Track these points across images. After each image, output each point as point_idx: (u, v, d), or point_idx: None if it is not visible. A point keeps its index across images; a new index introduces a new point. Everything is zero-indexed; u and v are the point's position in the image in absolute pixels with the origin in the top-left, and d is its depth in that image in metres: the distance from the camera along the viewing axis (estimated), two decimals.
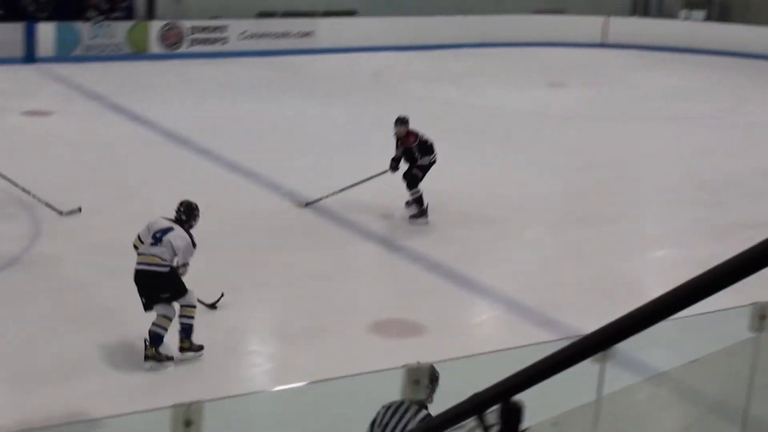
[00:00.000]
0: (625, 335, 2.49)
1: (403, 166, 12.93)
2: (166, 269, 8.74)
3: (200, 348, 8.91)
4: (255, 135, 17.08)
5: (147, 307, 8.76)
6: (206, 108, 18.98)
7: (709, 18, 29.87)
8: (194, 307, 8.91)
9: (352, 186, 13.23)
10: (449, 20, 26.69)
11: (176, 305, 8.82)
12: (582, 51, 27.63)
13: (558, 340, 8.47)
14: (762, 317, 5.19)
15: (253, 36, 24.74)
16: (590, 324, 2.84)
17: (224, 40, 24.36)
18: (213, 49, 24.14)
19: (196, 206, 9.18)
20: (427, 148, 12.80)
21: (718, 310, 4.83)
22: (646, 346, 6.67)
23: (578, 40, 28.02)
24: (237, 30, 24.54)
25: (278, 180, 14.32)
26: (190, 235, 8.95)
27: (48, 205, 12.39)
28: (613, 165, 16.36)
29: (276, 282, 10.91)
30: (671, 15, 30.73)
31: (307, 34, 25.22)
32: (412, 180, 12.83)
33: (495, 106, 20.28)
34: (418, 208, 12.94)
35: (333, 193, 13.26)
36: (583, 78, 24.14)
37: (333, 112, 19.13)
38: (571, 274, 11.54)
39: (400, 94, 20.85)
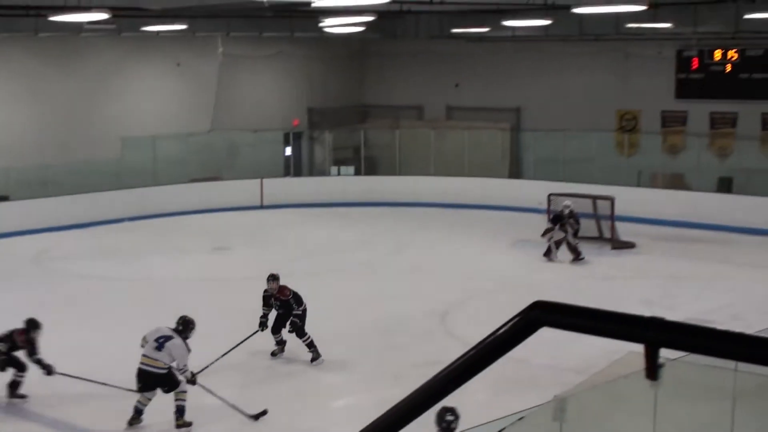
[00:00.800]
0: None
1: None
2: (165, 371, 11.65)
3: (191, 424, 11.70)
4: None
5: (141, 390, 11.70)
6: None
7: (358, 172, 31.36)
8: (186, 392, 11.68)
9: (226, 353, 13.60)
10: (106, 195, 26.38)
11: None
12: (242, 214, 28.10)
13: None
14: None
15: None
16: None
17: None
18: None
19: (193, 321, 11.99)
20: (299, 298, 14.55)
21: None
22: None
23: (238, 204, 28.51)
24: None
25: None
26: (186, 344, 11.73)
27: None
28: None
29: None
30: (323, 173, 32.03)
31: None
32: (299, 330, 14.35)
33: (160, 276, 20.13)
34: (315, 350, 14.35)
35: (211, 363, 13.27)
36: (245, 239, 24.46)
37: None
38: None
39: (62, 274, 20.24)
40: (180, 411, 11.64)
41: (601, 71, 30.12)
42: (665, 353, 2.22)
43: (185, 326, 11.92)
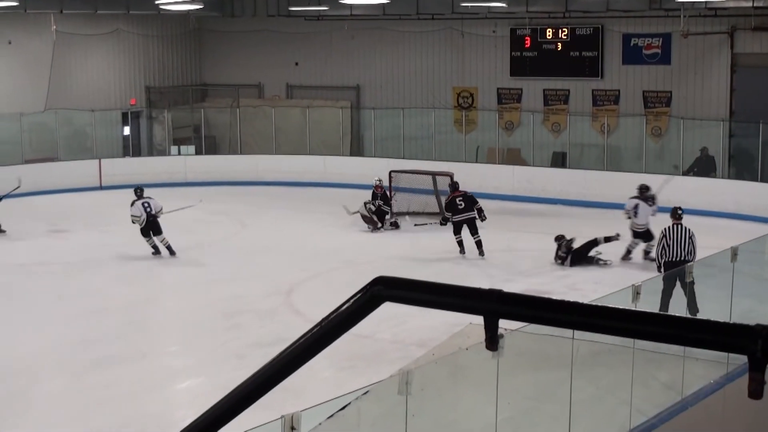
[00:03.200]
0: None
1: None
2: None
3: None
4: None
5: None
6: None
7: (198, 152, 30.99)
8: None
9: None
10: None
11: None
12: (80, 195, 27.43)
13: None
14: (292, 428, 5.35)
15: None
16: None
17: None
18: None
19: None
20: None
21: (250, 429, 4.91)
22: None
23: (75, 185, 27.81)
24: None
25: None
26: None
27: None
28: (128, 304, 16.27)
29: None
30: (162, 152, 31.53)
31: None
32: None
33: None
34: None
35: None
36: (84, 222, 23.88)
37: None
38: (102, 419, 11.25)
39: None
40: None
41: (438, 50, 30.47)
42: (505, 324, 2.27)
43: None
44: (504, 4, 26.58)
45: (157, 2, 23.72)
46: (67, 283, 17.54)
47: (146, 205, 19.61)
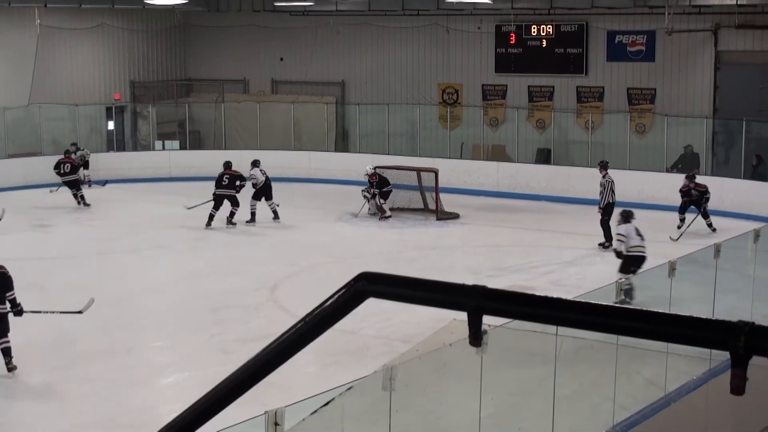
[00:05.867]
0: None
1: None
2: None
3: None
4: None
5: None
6: None
7: (183, 147, 30.93)
8: None
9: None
10: None
11: None
12: (64, 190, 27.32)
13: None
14: (276, 424, 5.35)
15: None
16: None
17: None
18: None
19: None
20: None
21: (234, 425, 4.92)
22: None
23: (59, 180, 27.68)
24: None
25: None
26: None
27: None
28: (113, 299, 16.22)
29: None
30: (147, 147, 31.46)
31: None
32: None
33: None
34: None
35: None
36: (67, 216, 23.80)
37: None
38: (87, 414, 11.25)
39: None
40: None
41: (423, 46, 30.48)
42: (490, 320, 2.28)
43: None
44: (489, 0, 26.61)
45: None
46: (52, 278, 17.48)
47: (264, 171, 22.47)
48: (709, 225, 21.07)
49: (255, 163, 23.33)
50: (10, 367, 12.43)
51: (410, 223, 22.60)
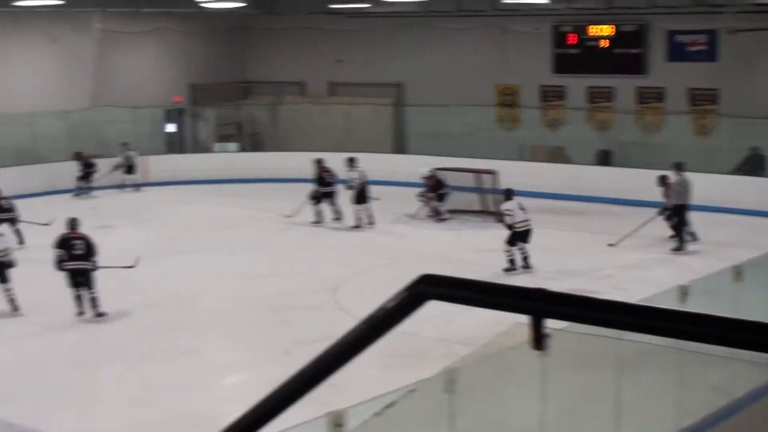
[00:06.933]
0: None
1: None
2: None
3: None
4: None
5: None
6: None
7: (242, 149, 31.14)
8: None
9: None
10: None
11: None
12: (125, 191, 27.70)
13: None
14: (337, 425, 5.37)
15: None
16: None
17: None
18: None
19: None
20: None
21: (296, 425, 4.94)
22: None
23: (120, 181, 28.03)
24: None
25: None
26: None
27: None
28: (174, 299, 16.42)
29: None
30: (206, 149, 31.72)
31: None
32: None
33: (43, 257, 19.53)
34: None
35: None
36: (128, 217, 24.08)
37: None
38: (150, 412, 11.37)
39: None
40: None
41: (479, 47, 30.38)
42: (551, 323, 2.26)
43: None
44: (547, 0, 26.46)
45: (198, 0, 23.87)
46: (116, 278, 17.67)
47: (362, 171, 22.51)
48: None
49: (352, 162, 23.03)
50: (101, 313, 15.23)
51: (468, 225, 22.54)
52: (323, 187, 22.59)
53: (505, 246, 17.99)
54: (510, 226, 18.06)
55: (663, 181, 20.45)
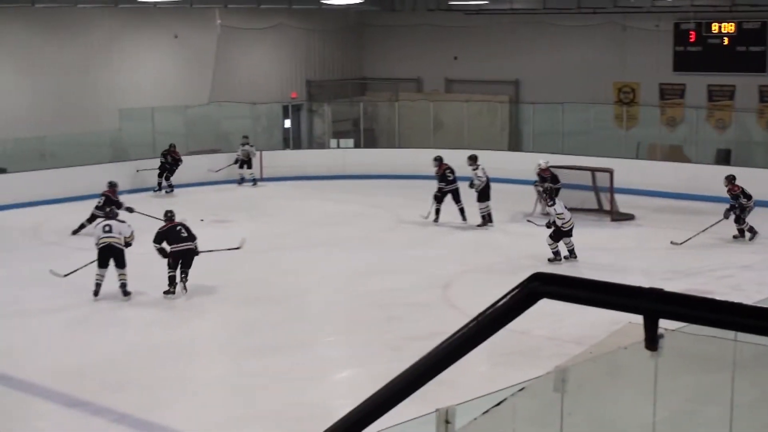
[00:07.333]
0: None
1: None
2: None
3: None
4: None
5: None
6: None
7: (357, 145, 31.36)
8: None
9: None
10: (104, 168, 26.19)
11: None
12: (241, 186, 28.13)
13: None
14: (446, 422, 5.36)
15: None
16: None
17: None
18: None
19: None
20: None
21: (405, 421, 4.96)
22: None
23: (235, 176, 28.46)
24: None
25: None
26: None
27: None
28: (286, 294, 16.60)
29: None
30: (322, 145, 32.03)
31: None
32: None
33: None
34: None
35: None
36: (244, 212, 24.43)
37: None
38: (258, 405, 11.52)
39: (59, 248, 20.27)
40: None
41: (598, 44, 30.04)
42: (664, 324, 2.23)
43: None
44: None
45: None
46: (229, 271, 17.97)
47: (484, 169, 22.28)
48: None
49: (474, 160, 22.79)
50: (184, 282, 16.21)
51: (583, 224, 22.26)
52: (447, 185, 22.51)
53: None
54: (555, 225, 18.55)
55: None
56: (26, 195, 24.78)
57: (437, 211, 22.44)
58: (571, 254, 18.54)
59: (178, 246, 16.17)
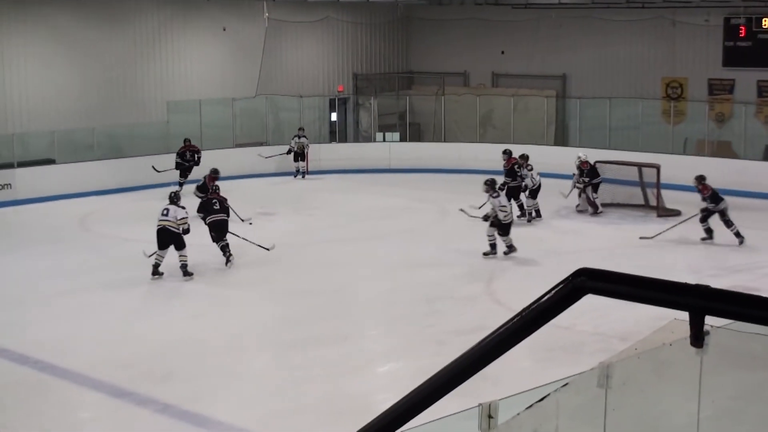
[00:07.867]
0: None
1: None
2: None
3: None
4: None
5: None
6: None
7: (403, 139, 31.35)
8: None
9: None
10: (152, 159, 26.42)
11: None
12: (287, 179, 28.24)
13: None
14: (489, 417, 5.35)
15: None
16: None
17: None
18: None
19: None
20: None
21: (447, 416, 4.96)
22: None
23: (281, 170, 28.58)
24: None
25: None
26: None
27: None
28: (331, 287, 16.65)
29: None
30: (368, 139, 32.05)
31: (3, 187, 24.29)
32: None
33: (206, 242, 20.12)
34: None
35: None
36: (290, 204, 24.52)
37: (41, 263, 18.44)
38: (302, 398, 11.56)
39: (107, 238, 20.46)
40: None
41: (647, 39, 29.80)
42: (710, 320, 2.22)
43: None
44: None
45: None
46: (272, 264, 18.05)
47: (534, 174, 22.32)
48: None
49: (525, 159, 22.79)
50: (229, 258, 17.54)
51: (630, 219, 22.16)
52: (515, 180, 22.42)
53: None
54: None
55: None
56: (74, 186, 25.05)
57: (521, 206, 22.36)
58: (510, 249, 18.55)
59: (212, 217, 17.59)
